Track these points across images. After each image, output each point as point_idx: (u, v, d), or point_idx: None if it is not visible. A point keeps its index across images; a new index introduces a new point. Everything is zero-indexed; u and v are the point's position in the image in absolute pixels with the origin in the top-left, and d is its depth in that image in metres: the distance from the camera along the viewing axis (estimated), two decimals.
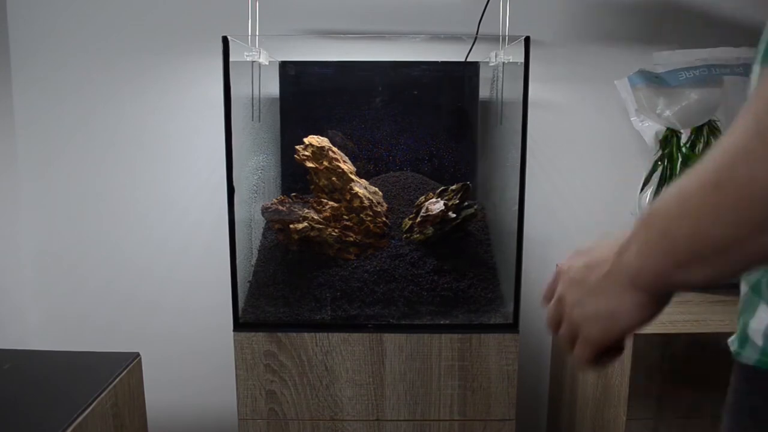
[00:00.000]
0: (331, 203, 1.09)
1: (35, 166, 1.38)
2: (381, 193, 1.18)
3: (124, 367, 0.98)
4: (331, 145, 1.11)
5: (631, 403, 1.01)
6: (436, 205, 1.08)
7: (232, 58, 0.95)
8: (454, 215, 1.09)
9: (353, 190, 1.10)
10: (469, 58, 1.26)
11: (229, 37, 0.94)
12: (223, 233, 1.01)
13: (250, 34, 1.15)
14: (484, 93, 1.27)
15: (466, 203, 1.11)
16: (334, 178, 1.10)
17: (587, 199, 1.39)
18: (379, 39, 1.33)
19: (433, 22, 1.29)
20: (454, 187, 1.13)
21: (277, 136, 1.27)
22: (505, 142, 1.12)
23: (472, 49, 1.22)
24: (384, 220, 1.14)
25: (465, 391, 1.04)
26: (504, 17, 1.15)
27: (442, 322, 1.04)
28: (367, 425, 1.05)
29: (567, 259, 0.51)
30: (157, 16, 1.32)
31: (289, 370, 1.03)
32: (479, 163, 1.28)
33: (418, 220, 1.10)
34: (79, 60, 1.34)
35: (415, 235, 1.11)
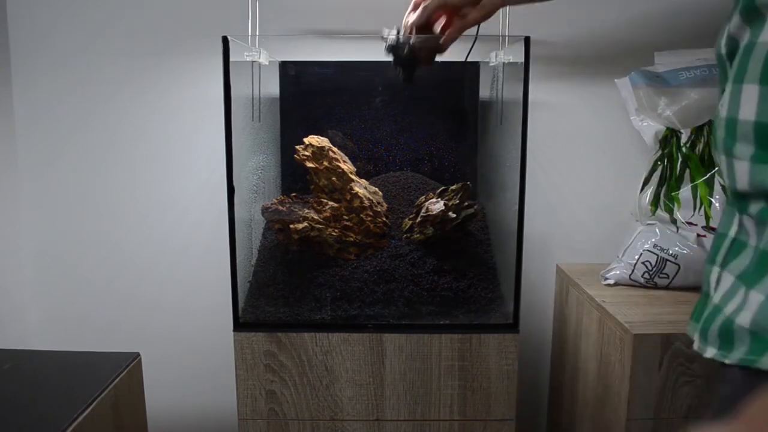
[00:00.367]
0: (331, 203, 1.09)
1: (35, 166, 1.38)
2: (381, 193, 1.18)
3: (124, 367, 0.98)
4: (331, 145, 1.11)
5: (631, 403, 1.01)
6: (436, 205, 1.08)
7: (232, 58, 0.95)
8: (454, 215, 1.09)
9: (353, 190, 1.10)
10: (469, 58, 1.26)
11: (229, 37, 0.94)
12: (223, 233, 1.01)
13: (250, 34, 1.15)
14: (484, 93, 1.27)
15: (466, 203, 1.11)
16: (334, 178, 1.10)
17: (587, 198, 1.40)
18: (379, 39, 1.33)
19: None
20: (454, 187, 1.13)
21: (277, 136, 1.27)
22: (505, 142, 1.12)
23: (472, 49, 1.22)
24: (384, 220, 1.14)
25: (465, 391, 1.04)
26: (504, 17, 1.15)
27: (442, 322, 1.04)
28: (367, 425, 1.05)
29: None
30: (158, 16, 1.32)
31: (289, 370, 1.03)
32: (479, 163, 1.28)
33: (418, 220, 1.10)
34: (79, 60, 1.34)
35: (415, 235, 1.11)
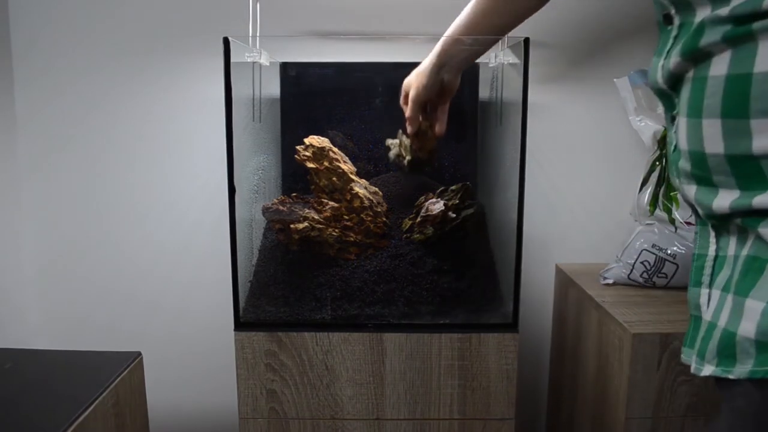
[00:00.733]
0: (331, 203, 1.10)
1: (35, 165, 1.38)
2: (381, 193, 1.18)
3: (126, 366, 0.98)
4: (331, 146, 1.12)
5: (630, 402, 1.02)
6: (436, 205, 1.09)
7: (233, 59, 0.95)
8: (454, 215, 1.09)
9: (353, 190, 1.10)
10: None
11: (230, 37, 0.94)
12: (224, 233, 1.01)
13: (251, 35, 1.15)
14: (483, 94, 1.27)
15: (466, 203, 1.12)
16: (335, 179, 1.10)
17: (586, 198, 1.40)
18: (380, 40, 1.33)
19: (433, 23, 1.29)
20: (454, 187, 1.13)
21: (278, 136, 1.28)
22: (504, 142, 1.12)
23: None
24: (384, 220, 1.14)
25: (465, 390, 1.04)
26: None
27: (442, 322, 1.05)
28: (367, 424, 1.06)
29: None
30: (159, 16, 1.32)
31: (290, 370, 1.04)
32: (479, 163, 1.29)
33: (418, 220, 1.10)
34: (79, 60, 1.34)
35: (415, 235, 1.11)
